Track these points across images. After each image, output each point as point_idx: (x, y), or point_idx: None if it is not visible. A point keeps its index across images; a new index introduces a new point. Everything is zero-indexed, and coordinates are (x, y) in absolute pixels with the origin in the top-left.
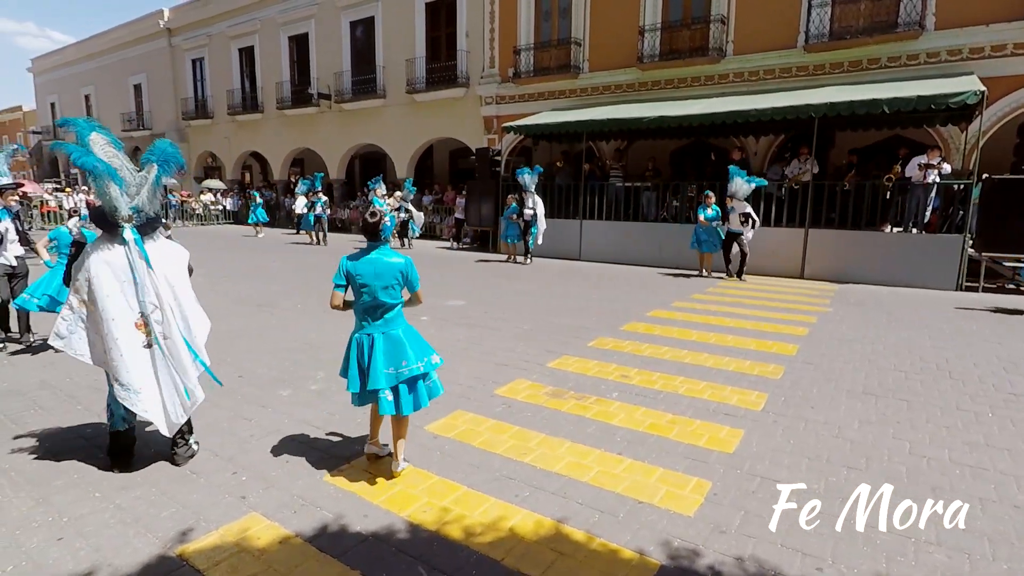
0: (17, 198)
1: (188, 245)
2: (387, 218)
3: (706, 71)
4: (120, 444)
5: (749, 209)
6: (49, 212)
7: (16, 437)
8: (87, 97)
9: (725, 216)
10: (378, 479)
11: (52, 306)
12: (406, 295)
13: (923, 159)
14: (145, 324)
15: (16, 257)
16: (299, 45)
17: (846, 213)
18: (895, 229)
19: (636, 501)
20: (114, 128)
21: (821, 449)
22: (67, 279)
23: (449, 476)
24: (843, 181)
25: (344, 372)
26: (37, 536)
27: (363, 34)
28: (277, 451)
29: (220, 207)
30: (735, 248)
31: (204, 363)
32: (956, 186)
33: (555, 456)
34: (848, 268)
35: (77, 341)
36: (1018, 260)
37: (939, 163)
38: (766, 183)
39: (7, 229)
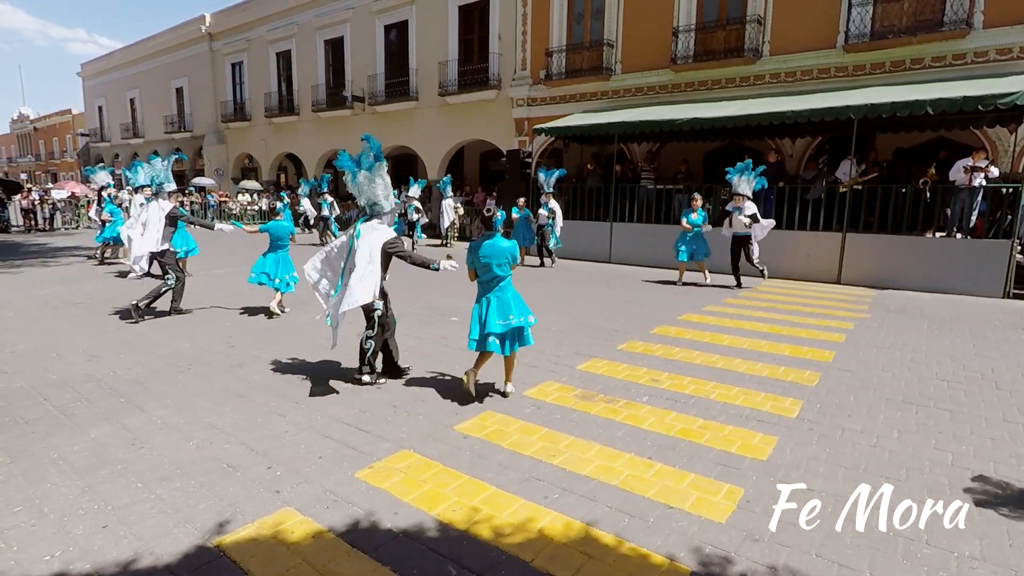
0: (182, 198)
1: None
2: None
3: (741, 72)
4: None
5: (755, 209)
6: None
7: (64, 428)
8: (132, 100)
9: (726, 219)
10: (409, 477)
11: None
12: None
13: (968, 162)
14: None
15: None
16: (334, 49)
17: (886, 217)
18: (938, 234)
19: (666, 506)
20: (156, 130)
21: (858, 459)
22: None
23: (479, 476)
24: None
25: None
26: (83, 523)
27: (397, 37)
28: (310, 447)
29: (256, 207)
30: (742, 257)
31: (329, 320)
32: (1004, 190)
33: (584, 459)
34: (887, 274)
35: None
36: None
37: (986, 166)
38: (765, 182)
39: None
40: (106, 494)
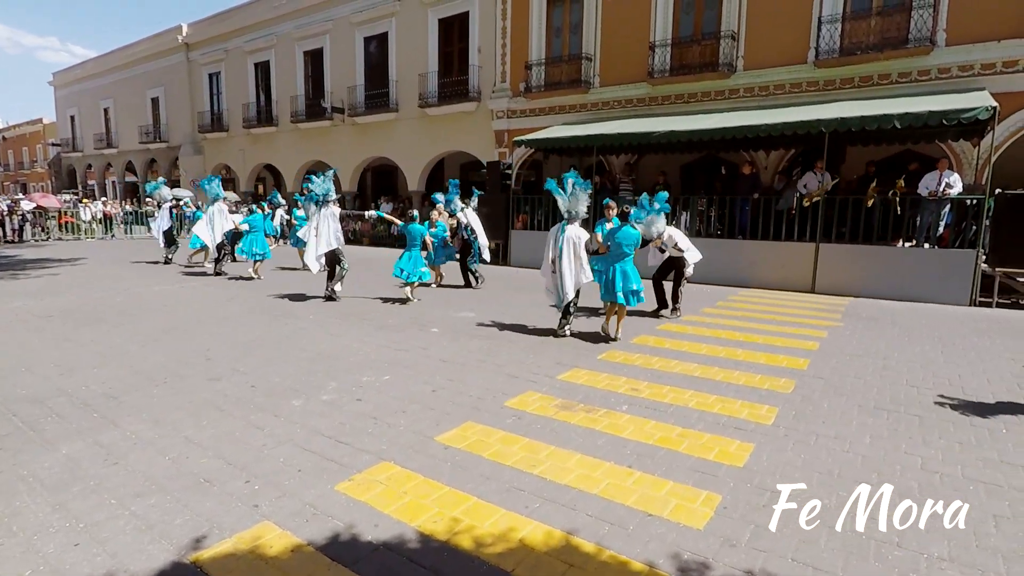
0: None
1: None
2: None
3: (716, 86)
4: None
5: (682, 235)
6: (67, 223)
7: (34, 444)
8: (106, 111)
9: (650, 250)
10: (389, 489)
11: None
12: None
13: (934, 180)
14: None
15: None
16: (314, 60)
17: (857, 228)
18: (907, 244)
19: (646, 514)
20: (131, 141)
21: (832, 464)
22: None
23: (459, 487)
24: (869, 192)
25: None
26: (54, 542)
27: (377, 49)
28: (289, 460)
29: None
30: (672, 275)
31: (560, 296)
32: (969, 201)
33: (565, 468)
34: (860, 283)
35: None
36: None
37: (948, 179)
38: (666, 206)
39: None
40: (78, 511)
